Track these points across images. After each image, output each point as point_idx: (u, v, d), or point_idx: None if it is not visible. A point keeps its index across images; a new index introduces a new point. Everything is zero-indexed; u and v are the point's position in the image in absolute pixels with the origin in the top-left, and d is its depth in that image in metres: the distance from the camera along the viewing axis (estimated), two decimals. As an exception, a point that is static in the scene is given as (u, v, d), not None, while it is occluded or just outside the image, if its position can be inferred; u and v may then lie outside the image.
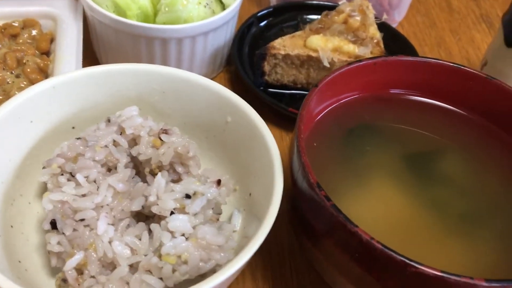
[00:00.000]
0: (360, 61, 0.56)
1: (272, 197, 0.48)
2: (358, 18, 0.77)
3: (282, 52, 0.74)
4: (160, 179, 0.49)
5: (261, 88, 0.76)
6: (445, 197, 0.53)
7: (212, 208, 0.51)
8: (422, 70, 0.58)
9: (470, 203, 0.53)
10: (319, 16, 0.86)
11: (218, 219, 0.53)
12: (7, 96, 0.65)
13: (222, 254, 0.47)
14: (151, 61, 0.71)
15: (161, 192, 0.49)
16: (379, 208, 0.51)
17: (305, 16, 0.88)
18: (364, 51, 0.73)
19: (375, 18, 0.79)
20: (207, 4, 0.71)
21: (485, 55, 0.75)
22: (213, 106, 0.58)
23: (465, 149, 0.57)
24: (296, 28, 0.85)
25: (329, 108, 0.57)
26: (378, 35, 0.76)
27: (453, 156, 0.57)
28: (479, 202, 0.53)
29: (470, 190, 0.54)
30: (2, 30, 0.72)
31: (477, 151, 0.57)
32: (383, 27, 0.81)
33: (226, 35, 0.76)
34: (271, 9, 0.86)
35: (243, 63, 0.78)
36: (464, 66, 0.57)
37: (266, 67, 0.75)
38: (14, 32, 0.71)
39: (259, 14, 0.85)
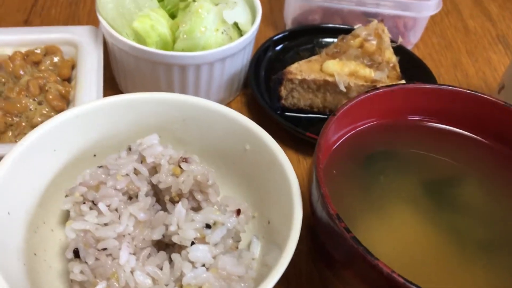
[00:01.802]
0: (377, 88, 0.57)
1: (291, 227, 0.48)
2: (374, 42, 0.77)
3: (299, 77, 0.74)
4: (181, 209, 0.50)
5: (278, 112, 0.77)
6: (465, 225, 0.53)
7: (232, 237, 0.51)
8: (440, 97, 0.58)
9: (490, 230, 0.52)
10: (334, 39, 0.87)
11: (237, 247, 0.53)
12: (30, 122, 0.67)
13: (242, 284, 0.47)
14: (169, 86, 0.72)
15: (181, 222, 0.49)
16: (398, 237, 0.51)
17: (320, 39, 0.89)
18: (380, 76, 0.74)
19: (391, 41, 0.80)
20: (225, 31, 0.72)
21: (502, 78, 0.75)
22: (232, 133, 0.59)
23: (484, 175, 0.57)
24: (312, 51, 0.86)
25: (347, 135, 0.58)
26: (394, 59, 0.77)
27: (472, 183, 0.57)
28: (499, 229, 0.53)
29: (489, 218, 0.54)
30: (25, 57, 0.74)
31: (496, 178, 0.57)
32: (399, 49, 0.81)
33: (243, 60, 0.77)
34: (286, 33, 0.87)
35: (260, 87, 0.79)
36: (481, 93, 0.57)
37: (283, 92, 0.76)
38: (36, 59, 0.73)
39: (275, 38, 0.86)
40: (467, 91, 0.57)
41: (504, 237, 0.52)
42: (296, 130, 0.73)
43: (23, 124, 0.67)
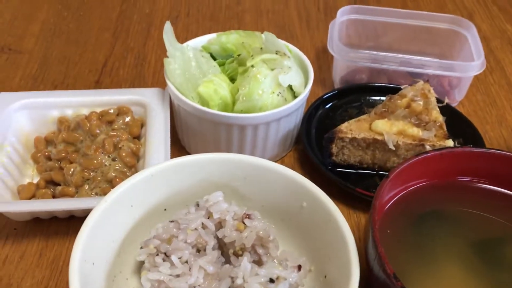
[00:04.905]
0: (427, 152, 0.61)
1: (349, 284, 0.51)
2: (420, 102, 0.81)
3: (349, 136, 0.79)
4: (246, 263, 0.55)
5: (329, 167, 0.82)
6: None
7: (292, 291, 0.55)
8: (488, 160, 0.61)
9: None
10: (381, 97, 0.92)
11: (296, 301, 0.57)
12: (105, 177, 0.74)
13: (304, 336, 0.50)
14: (229, 144, 0.79)
15: (247, 276, 0.54)
16: (451, 295, 0.53)
17: (368, 97, 0.94)
18: (428, 135, 0.77)
19: (437, 101, 0.84)
20: (280, 93, 0.79)
21: (549, 137, 0.78)
22: (289, 191, 0.64)
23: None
24: (359, 108, 0.91)
25: (399, 195, 0.62)
26: (440, 118, 0.80)
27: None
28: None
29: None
30: (100, 117, 0.81)
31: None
32: (445, 108, 0.85)
33: (296, 119, 0.83)
34: (335, 92, 0.93)
35: (311, 143, 0.84)
36: (529, 158, 0.60)
37: (334, 149, 0.81)
38: (110, 119, 0.81)
39: (324, 96, 0.91)
40: (514, 155, 0.61)
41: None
42: (347, 185, 0.77)
43: (99, 178, 0.74)
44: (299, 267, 0.56)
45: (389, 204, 0.60)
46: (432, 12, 1.04)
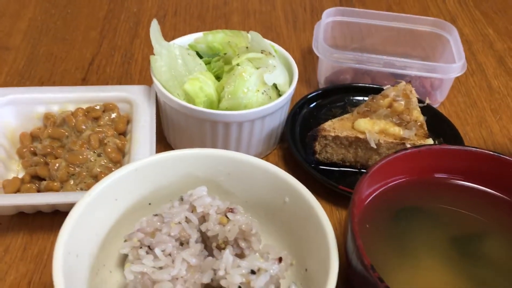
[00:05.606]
0: (406, 149, 0.62)
1: (328, 276, 0.53)
2: (402, 102, 0.83)
3: (332, 134, 0.80)
4: (228, 256, 0.56)
5: (312, 165, 0.83)
6: (491, 279, 0.57)
7: (273, 283, 0.56)
8: (465, 158, 0.63)
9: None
10: (364, 97, 0.93)
11: (277, 293, 0.58)
12: (90, 172, 0.74)
13: (283, 327, 0.51)
14: (214, 141, 0.80)
15: (229, 267, 0.55)
16: (428, 287, 0.55)
17: (351, 98, 0.95)
18: (408, 134, 0.79)
19: (419, 101, 0.86)
20: (265, 91, 0.80)
21: (525, 137, 0.80)
22: (272, 187, 0.65)
23: (508, 231, 0.61)
24: (343, 108, 0.93)
25: (378, 191, 0.63)
26: (421, 118, 0.82)
27: (498, 239, 0.61)
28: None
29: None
30: (86, 113, 0.82)
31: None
32: (426, 108, 0.87)
33: (280, 117, 0.84)
34: (320, 91, 0.94)
35: (295, 141, 0.85)
36: (503, 155, 0.62)
37: (317, 147, 0.82)
38: (96, 115, 0.81)
39: (309, 96, 0.93)
40: (490, 152, 0.62)
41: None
42: (329, 183, 0.78)
43: (84, 174, 0.74)
44: (280, 259, 0.57)
45: (369, 200, 0.62)
46: (415, 15, 1.06)
